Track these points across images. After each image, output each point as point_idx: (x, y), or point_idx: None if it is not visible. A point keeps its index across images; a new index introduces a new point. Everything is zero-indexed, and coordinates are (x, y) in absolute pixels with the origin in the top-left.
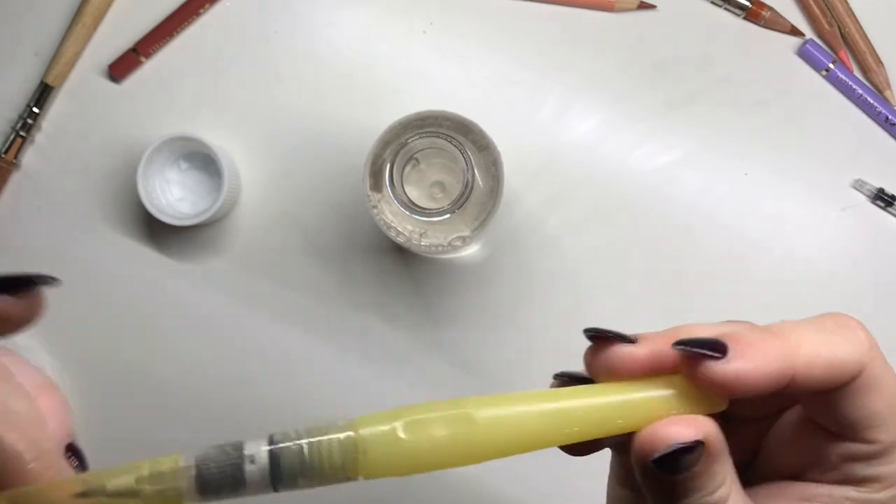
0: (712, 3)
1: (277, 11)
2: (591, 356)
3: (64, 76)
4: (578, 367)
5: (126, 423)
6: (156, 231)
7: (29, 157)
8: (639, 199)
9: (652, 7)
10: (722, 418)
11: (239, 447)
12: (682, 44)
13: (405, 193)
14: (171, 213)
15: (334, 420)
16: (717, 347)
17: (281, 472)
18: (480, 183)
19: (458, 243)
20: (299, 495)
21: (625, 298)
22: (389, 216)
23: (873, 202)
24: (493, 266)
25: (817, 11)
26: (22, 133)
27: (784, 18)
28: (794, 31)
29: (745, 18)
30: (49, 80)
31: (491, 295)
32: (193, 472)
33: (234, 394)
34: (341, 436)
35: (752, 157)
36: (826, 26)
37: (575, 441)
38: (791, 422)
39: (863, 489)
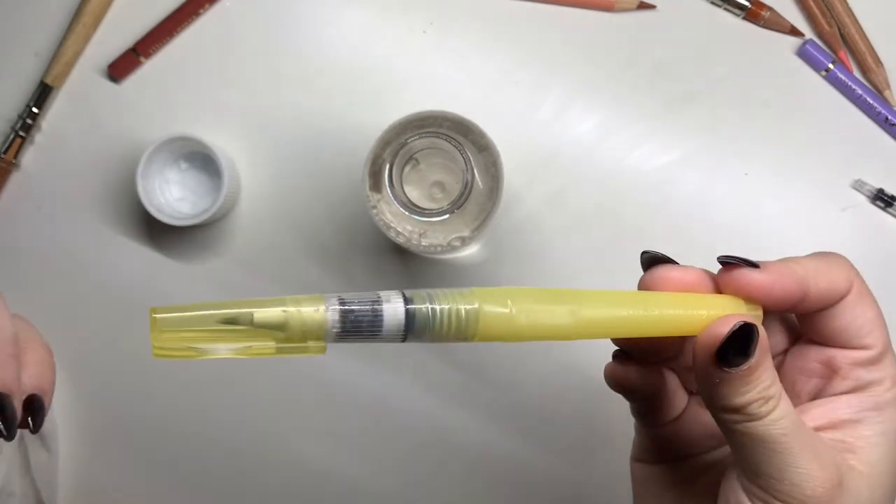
0: (712, 3)
1: (277, 11)
2: (654, 273)
3: (64, 76)
4: (578, 370)
5: (126, 422)
6: (155, 231)
7: (29, 157)
8: (639, 199)
9: (652, 7)
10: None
11: (378, 300)
12: (682, 44)
13: (405, 193)
14: (170, 213)
15: (458, 289)
16: (751, 263)
17: (414, 328)
18: (480, 183)
19: (457, 244)
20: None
21: None
22: (389, 216)
23: (873, 202)
24: (493, 266)
25: (817, 11)
26: (22, 133)
27: (784, 18)
28: (794, 32)
29: (744, 18)
30: (49, 80)
31: None
32: (337, 315)
33: (234, 393)
34: (467, 307)
35: (752, 157)
36: (826, 26)
37: (652, 335)
38: (800, 352)
39: (871, 392)
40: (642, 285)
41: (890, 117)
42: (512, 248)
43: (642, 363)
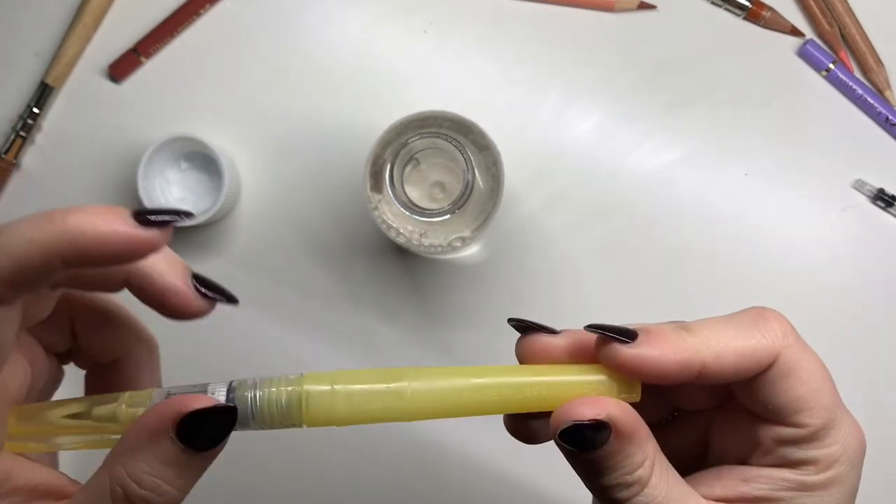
0: (712, 3)
1: (277, 11)
2: (518, 343)
3: (64, 76)
4: None
5: None
6: None
7: (29, 157)
8: (639, 199)
9: (652, 7)
10: (672, 410)
11: (204, 387)
12: (682, 44)
13: (405, 194)
14: None
15: (286, 374)
16: (627, 334)
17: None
18: (481, 183)
19: (457, 244)
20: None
21: (625, 298)
22: (390, 216)
23: (873, 202)
24: (493, 266)
25: (817, 12)
26: (22, 133)
27: (784, 19)
28: (795, 32)
29: (745, 19)
30: (49, 81)
31: (491, 295)
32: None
33: None
34: (288, 388)
35: (752, 157)
36: (826, 26)
37: (494, 413)
38: (730, 412)
39: (799, 471)
40: (517, 356)
41: (890, 117)
42: (512, 248)
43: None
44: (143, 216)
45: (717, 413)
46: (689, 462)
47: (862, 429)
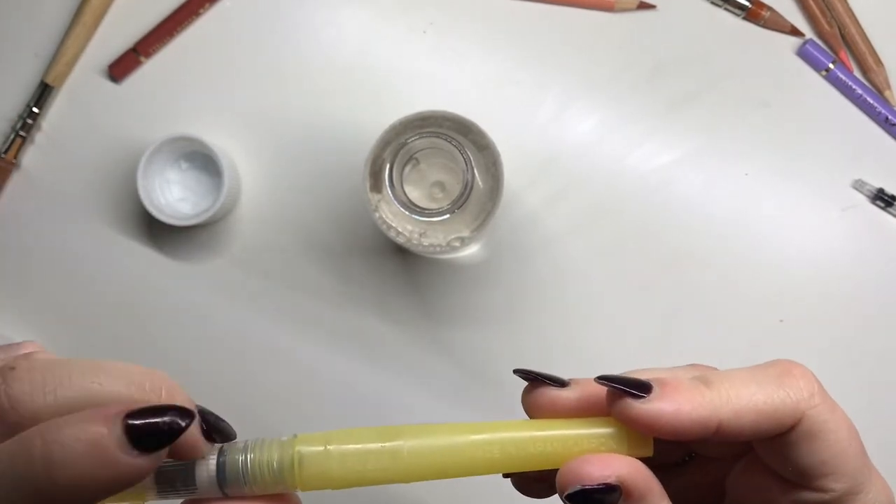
0: (712, 3)
1: (277, 11)
2: (524, 395)
3: (64, 76)
4: (579, 365)
5: None
6: (156, 231)
7: (29, 157)
8: (639, 199)
9: (652, 7)
10: (689, 452)
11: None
12: (682, 44)
13: (405, 194)
14: (171, 213)
15: (279, 436)
16: (641, 387)
17: (226, 479)
18: (480, 183)
19: (456, 244)
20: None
21: (624, 298)
22: (389, 216)
23: (873, 202)
24: (493, 266)
25: (817, 11)
26: (22, 133)
27: (784, 18)
28: (794, 32)
29: (744, 18)
30: (49, 80)
31: (491, 295)
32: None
33: (233, 393)
34: (280, 452)
35: (752, 157)
36: (826, 26)
37: (497, 471)
38: (750, 465)
39: None
40: (524, 408)
41: (890, 117)
42: (512, 248)
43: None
44: (138, 438)
45: (735, 463)
46: None
47: (891, 491)
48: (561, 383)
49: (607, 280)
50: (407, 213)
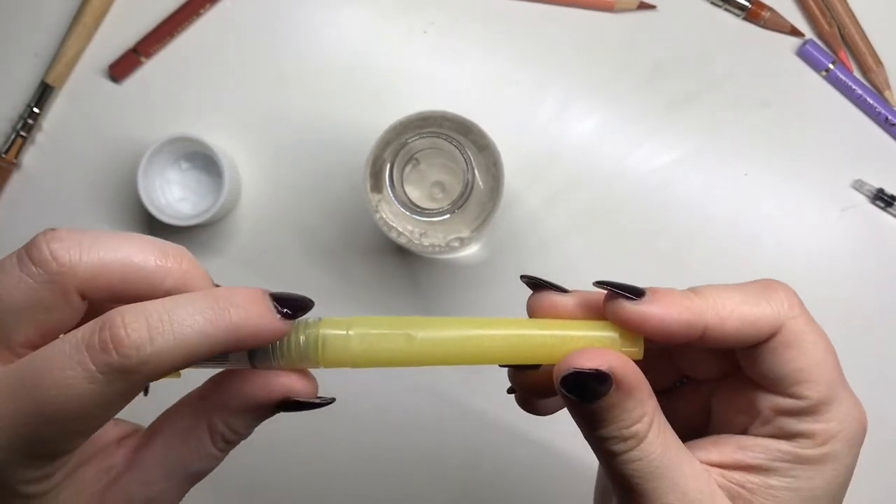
0: (712, 3)
1: (277, 11)
2: (529, 299)
3: (64, 76)
4: None
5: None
6: (156, 231)
7: (29, 157)
8: (639, 199)
9: (652, 7)
10: (680, 378)
11: None
12: (682, 44)
13: (405, 194)
14: (171, 214)
15: (306, 318)
16: (634, 291)
17: (255, 354)
18: (481, 183)
19: (455, 244)
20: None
21: None
22: (390, 217)
23: (873, 202)
24: (493, 266)
25: (817, 12)
26: (22, 133)
27: (784, 19)
28: (794, 32)
29: (744, 19)
30: (49, 81)
31: (491, 295)
32: None
33: None
34: (306, 333)
35: (752, 157)
36: (826, 27)
37: (500, 362)
38: (734, 385)
39: (795, 444)
40: (528, 312)
41: (890, 117)
42: (512, 248)
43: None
44: (283, 307)
45: (722, 382)
46: (691, 431)
47: (864, 412)
48: (562, 290)
49: (607, 278)
50: (407, 213)
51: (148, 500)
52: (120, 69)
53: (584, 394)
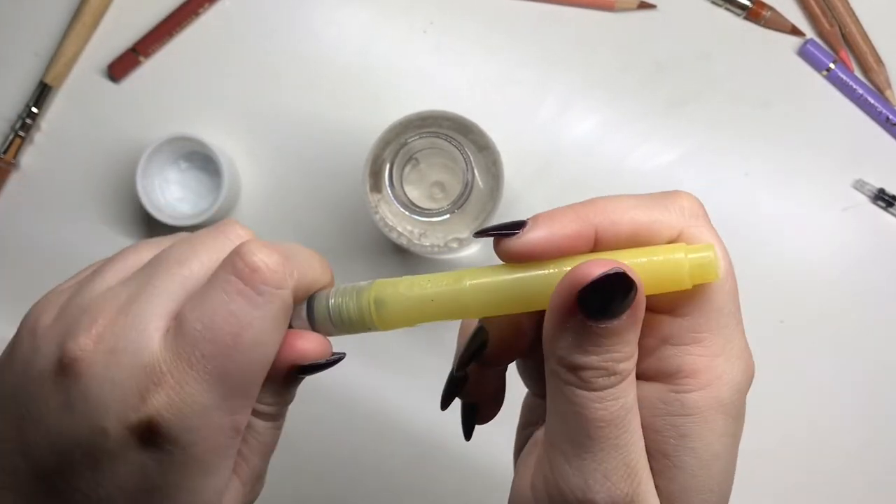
0: (713, 3)
1: (277, 11)
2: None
3: (63, 76)
4: None
5: None
6: (155, 231)
7: (28, 157)
8: None
9: (652, 7)
10: None
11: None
12: (682, 44)
13: (405, 194)
14: (170, 213)
15: (359, 283)
16: (514, 226)
17: (314, 318)
18: (480, 183)
19: (454, 244)
20: None
21: None
22: (389, 217)
23: (874, 202)
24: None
25: (818, 11)
26: (21, 133)
27: (785, 18)
28: (795, 31)
29: (745, 18)
30: (48, 80)
31: None
32: None
33: None
34: (359, 294)
35: (752, 157)
36: (827, 26)
37: (535, 308)
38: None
39: (677, 386)
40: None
41: (891, 117)
42: None
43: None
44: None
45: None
46: None
47: (754, 364)
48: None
49: None
50: (407, 213)
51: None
52: (119, 69)
53: (606, 304)
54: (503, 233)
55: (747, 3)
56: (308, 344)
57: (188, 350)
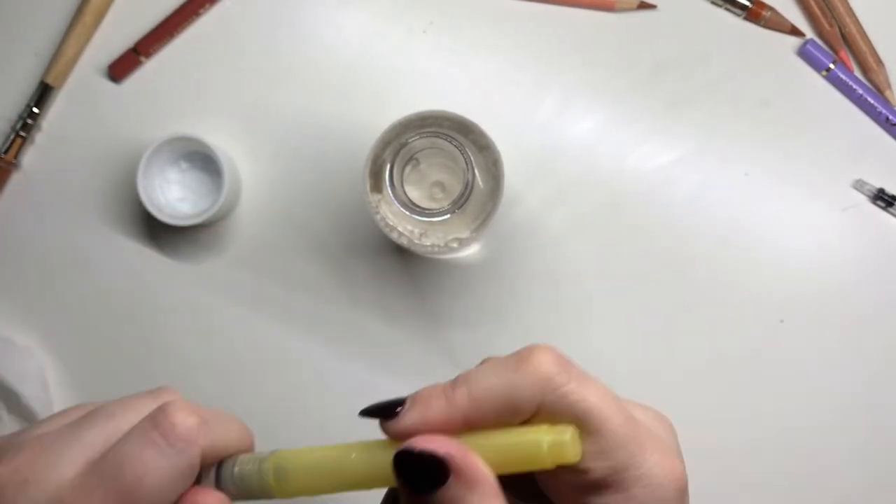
0: (712, 3)
1: (277, 11)
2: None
3: (64, 76)
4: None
5: None
6: (156, 231)
7: (29, 157)
8: (639, 199)
9: (652, 7)
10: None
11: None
12: (682, 44)
13: (405, 194)
14: (171, 213)
15: (262, 452)
16: (392, 406)
17: (220, 480)
18: (480, 183)
19: (454, 244)
20: None
21: (624, 298)
22: (390, 217)
23: (874, 202)
24: (493, 266)
25: (818, 11)
26: (22, 133)
27: (784, 18)
28: (795, 31)
29: (745, 18)
30: (49, 80)
31: (491, 295)
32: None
33: (233, 392)
34: (261, 463)
35: (752, 157)
36: (826, 26)
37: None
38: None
39: None
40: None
41: (891, 117)
42: (512, 248)
43: None
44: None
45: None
46: None
47: (679, 464)
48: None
49: (607, 280)
50: (407, 213)
51: None
52: (119, 69)
53: (421, 480)
54: (382, 414)
55: (747, 3)
56: (207, 499)
57: (94, 484)
